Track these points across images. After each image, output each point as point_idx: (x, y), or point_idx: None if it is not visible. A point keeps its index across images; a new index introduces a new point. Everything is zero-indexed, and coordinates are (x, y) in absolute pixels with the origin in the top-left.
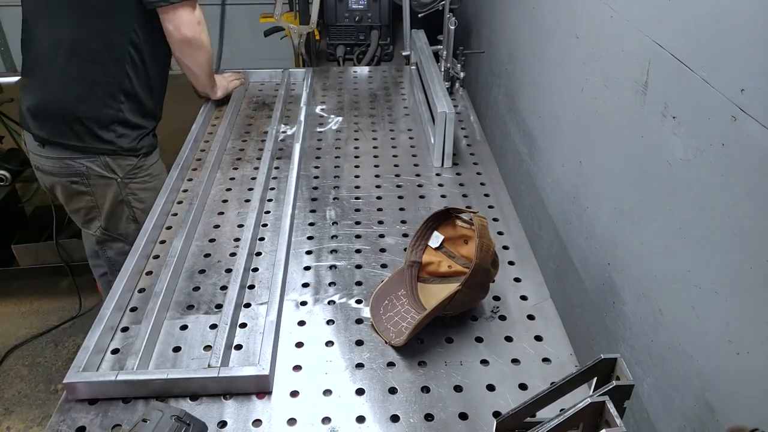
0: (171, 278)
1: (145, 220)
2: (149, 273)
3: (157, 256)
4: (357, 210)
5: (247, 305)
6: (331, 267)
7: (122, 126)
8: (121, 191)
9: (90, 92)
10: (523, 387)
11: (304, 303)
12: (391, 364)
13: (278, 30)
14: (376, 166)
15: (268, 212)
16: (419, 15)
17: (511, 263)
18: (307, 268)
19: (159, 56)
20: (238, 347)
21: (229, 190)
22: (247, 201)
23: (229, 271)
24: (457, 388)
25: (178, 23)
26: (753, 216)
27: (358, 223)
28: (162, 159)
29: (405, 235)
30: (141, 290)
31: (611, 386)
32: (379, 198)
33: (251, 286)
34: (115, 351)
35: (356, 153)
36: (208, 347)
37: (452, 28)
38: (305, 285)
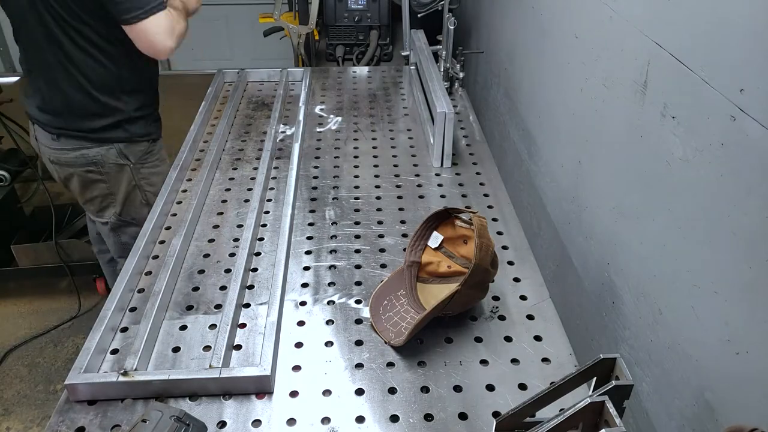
0: (170, 278)
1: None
2: (149, 273)
3: (156, 257)
4: (356, 210)
5: (247, 305)
6: (331, 267)
7: (132, 114)
8: (134, 176)
9: (94, 88)
10: (522, 387)
11: (303, 303)
12: (390, 364)
13: (278, 30)
14: (375, 166)
15: (267, 212)
16: (418, 15)
17: (510, 263)
18: (306, 269)
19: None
20: (238, 347)
21: (228, 190)
22: (247, 201)
23: (228, 271)
24: (457, 388)
25: (152, 40)
26: (752, 215)
27: (357, 223)
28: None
29: (404, 235)
30: (140, 290)
31: (611, 386)
32: (378, 198)
33: (251, 287)
34: (114, 351)
35: (356, 153)
36: (207, 347)
37: (451, 28)
38: (305, 285)
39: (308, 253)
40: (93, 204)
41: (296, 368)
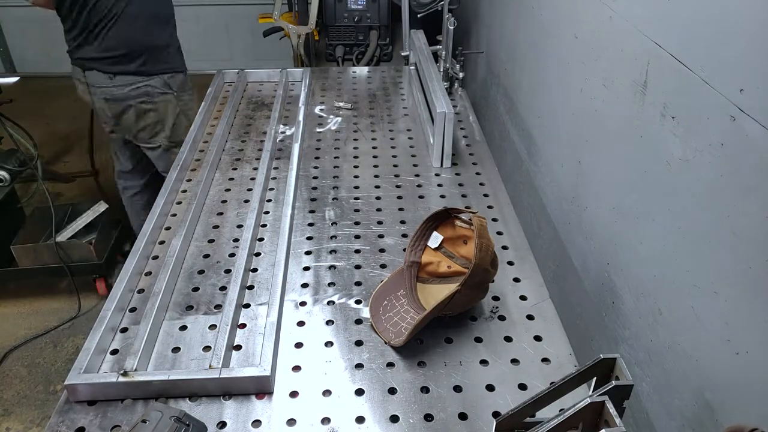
0: (170, 279)
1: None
2: (148, 274)
3: (156, 257)
4: (356, 210)
5: (247, 306)
6: (331, 267)
7: (172, 47)
8: (177, 104)
9: (148, 25)
10: (522, 387)
11: (303, 303)
12: (390, 365)
13: (277, 30)
14: (375, 166)
15: (267, 213)
16: (418, 15)
17: (510, 263)
18: (306, 269)
19: None
20: (238, 348)
21: (228, 190)
22: (246, 201)
23: (228, 271)
24: (457, 389)
25: None
26: (752, 215)
27: (357, 223)
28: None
29: (404, 236)
30: (140, 291)
31: (610, 386)
32: (378, 198)
33: (251, 287)
34: (114, 352)
35: (355, 153)
36: (207, 348)
37: (451, 28)
38: (304, 285)
39: (308, 253)
40: (145, 131)
41: (296, 368)
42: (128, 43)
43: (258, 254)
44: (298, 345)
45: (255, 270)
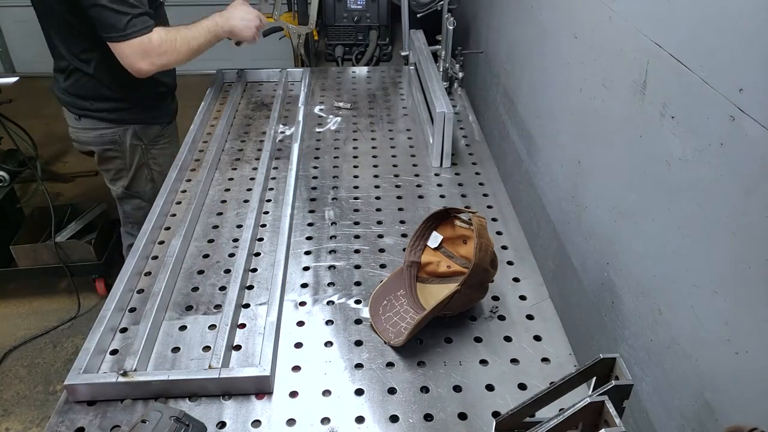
0: (169, 279)
1: (160, 181)
2: (148, 274)
3: (156, 257)
4: (356, 210)
5: (246, 306)
6: (330, 267)
7: (148, 99)
8: (144, 156)
9: (115, 78)
10: (522, 387)
11: (303, 303)
12: (390, 365)
13: (277, 30)
14: (374, 166)
15: (266, 213)
16: (418, 15)
17: (510, 263)
18: (306, 269)
19: None
20: (237, 348)
21: (227, 190)
22: (246, 201)
23: (228, 271)
24: (457, 388)
25: (124, 61)
26: (752, 215)
27: (357, 223)
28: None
29: (404, 235)
30: (140, 291)
31: (610, 386)
32: (378, 198)
33: (250, 287)
34: (114, 352)
35: (355, 153)
36: (207, 348)
37: (451, 28)
38: (304, 285)
39: (308, 253)
40: (108, 174)
41: (296, 368)
42: (99, 89)
43: (258, 254)
44: (298, 345)
45: (255, 270)
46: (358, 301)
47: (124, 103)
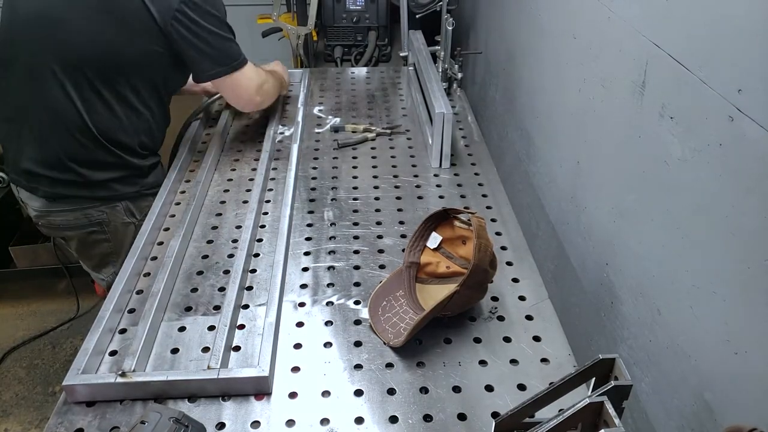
0: (168, 279)
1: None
2: (147, 275)
3: (155, 258)
4: (355, 211)
5: (245, 306)
6: (330, 268)
7: (139, 169)
8: (137, 231)
9: (104, 138)
10: (521, 387)
11: (302, 304)
12: (389, 365)
13: (276, 31)
14: (374, 167)
15: (266, 213)
16: (417, 16)
17: (509, 264)
18: (305, 269)
19: (168, 100)
20: (236, 348)
21: (226, 191)
22: (245, 202)
23: (227, 272)
24: (456, 389)
25: (243, 92)
26: (751, 215)
27: (356, 224)
28: (161, 161)
29: (403, 236)
30: (139, 292)
31: (610, 386)
32: (377, 199)
33: (249, 288)
34: (113, 353)
35: (354, 154)
36: (206, 349)
37: (450, 28)
38: (303, 286)
39: (307, 254)
40: (91, 261)
41: (295, 369)
42: (83, 162)
43: (257, 255)
44: (297, 346)
45: (254, 271)
46: (357, 302)
47: (119, 172)
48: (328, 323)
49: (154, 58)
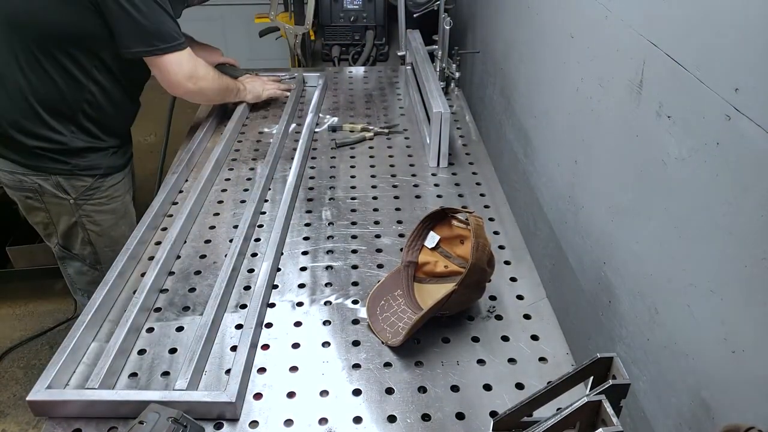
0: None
1: (102, 244)
2: (143, 275)
3: (152, 258)
4: (353, 210)
5: (244, 306)
6: (328, 267)
7: (79, 145)
8: (74, 212)
9: (42, 107)
10: (519, 386)
11: (300, 304)
12: (387, 365)
13: (273, 30)
14: (372, 166)
15: (263, 213)
16: (414, 15)
17: (507, 263)
18: (303, 269)
19: (128, 83)
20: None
21: (224, 190)
22: (243, 201)
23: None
24: (454, 388)
25: (165, 77)
26: (748, 214)
27: (354, 223)
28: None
29: (401, 236)
30: (134, 292)
31: (607, 385)
32: (375, 198)
33: (247, 288)
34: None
35: (352, 153)
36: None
37: (447, 28)
38: (301, 286)
39: (305, 253)
40: (38, 227)
41: (293, 369)
42: (16, 125)
43: (254, 255)
44: (295, 345)
45: (252, 271)
46: (355, 302)
47: (50, 144)
48: (326, 323)
49: (90, 30)
